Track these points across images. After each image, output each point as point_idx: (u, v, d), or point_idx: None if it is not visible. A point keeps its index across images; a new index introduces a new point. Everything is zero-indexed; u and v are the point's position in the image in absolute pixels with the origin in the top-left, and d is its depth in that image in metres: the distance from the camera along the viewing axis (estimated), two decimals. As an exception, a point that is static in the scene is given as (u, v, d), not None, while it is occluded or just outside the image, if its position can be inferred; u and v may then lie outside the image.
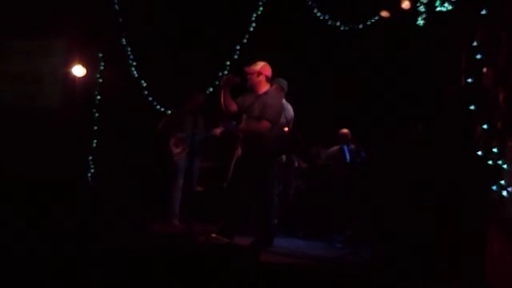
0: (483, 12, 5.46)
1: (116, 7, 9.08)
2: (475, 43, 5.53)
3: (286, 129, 7.47)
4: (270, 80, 6.98)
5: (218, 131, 8.29)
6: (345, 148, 8.29)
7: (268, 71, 6.95)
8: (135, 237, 6.33)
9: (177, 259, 5.19)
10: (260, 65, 6.93)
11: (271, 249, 6.58)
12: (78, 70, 8.65)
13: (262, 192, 6.80)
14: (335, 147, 8.55)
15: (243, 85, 7.19)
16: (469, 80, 5.60)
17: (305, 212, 8.16)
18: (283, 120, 7.26)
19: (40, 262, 5.15)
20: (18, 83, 8.87)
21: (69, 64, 8.73)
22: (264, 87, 6.93)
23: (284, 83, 7.77)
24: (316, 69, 8.61)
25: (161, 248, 5.44)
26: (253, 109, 6.84)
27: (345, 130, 8.55)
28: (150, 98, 9.15)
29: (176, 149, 8.44)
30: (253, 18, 9.29)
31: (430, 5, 7.37)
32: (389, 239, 6.21)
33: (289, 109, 7.75)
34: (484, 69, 5.46)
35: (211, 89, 9.09)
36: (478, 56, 5.46)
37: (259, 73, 6.90)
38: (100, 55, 8.97)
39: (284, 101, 7.58)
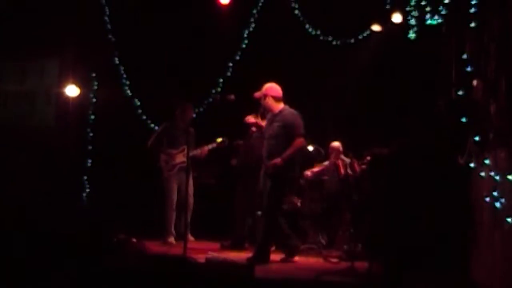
0: (472, 24, 5.50)
1: (109, 26, 9.13)
2: (465, 56, 5.57)
3: None
4: (280, 98, 7.01)
5: (205, 150, 8.28)
6: (339, 162, 8.32)
7: (273, 91, 7.01)
8: (131, 257, 6.31)
9: (173, 279, 5.19)
10: (265, 87, 7.02)
11: (267, 265, 6.61)
12: (72, 90, 8.68)
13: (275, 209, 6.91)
14: (328, 162, 8.55)
15: (237, 103, 7.31)
16: (460, 92, 5.64)
17: (299, 227, 8.15)
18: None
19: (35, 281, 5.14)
20: (12, 103, 8.91)
21: (63, 84, 8.77)
22: (276, 107, 6.98)
23: None
24: (307, 83, 8.66)
25: (156, 269, 5.43)
26: (269, 129, 6.99)
27: (336, 143, 8.56)
28: (144, 117, 9.17)
29: (167, 166, 8.39)
30: (245, 35, 9.36)
31: (421, 19, 7.43)
32: (385, 252, 6.21)
33: None
34: (474, 82, 5.50)
35: (203, 106, 9.13)
36: (468, 69, 5.49)
37: (265, 96, 6.98)
38: (94, 74, 9.01)
39: None
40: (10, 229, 6.35)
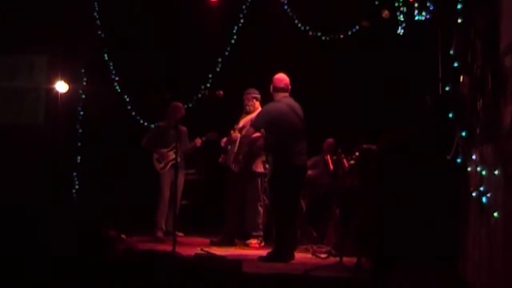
0: (459, 21, 5.52)
1: (98, 22, 9.11)
2: (451, 52, 5.59)
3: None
4: (280, 89, 7.12)
5: (198, 141, 8.34)
6: (328, 157, 8.36)
7: (275, 82, 7.15)
8: (120, 253, 6.32)
9: (162, 275, 5.20)
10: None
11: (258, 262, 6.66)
12: (61, 86, 8.66)
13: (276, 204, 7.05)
14: (317, 157, 8.58)
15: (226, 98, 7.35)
16: (447, 88, 5.66)
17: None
18: None
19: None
20: (0, 99, 8.88)
21: (52, 80, 8.74)
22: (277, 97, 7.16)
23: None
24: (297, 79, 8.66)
25: (146, 264, 5.44)
26: None
27: (330, 140, 8.59)
28: (134, 113, 9.16)
29: (159, 164, 8.45)
30: (235, 31, 9.35)
31: (409, 14, 7.46)
32: (373, 247, 6.24)
33: None
34: (461, 77, 5.52)
35: (193, 102, 9.13)
36: (455, 64, 5.51)
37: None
38: (83, 71, 8.99)
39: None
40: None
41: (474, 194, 5.10)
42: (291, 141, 6.92)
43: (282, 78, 7.15)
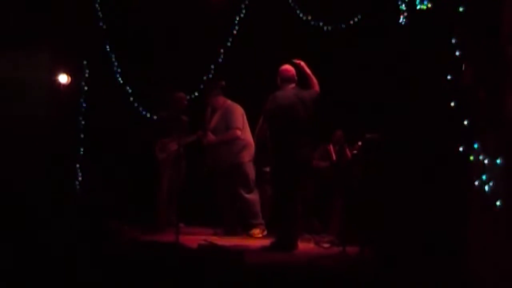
0: (461, 9, 5.51)
1: (100, 14, 9.10)
2: (454, 40, 5.58)
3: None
4: (287, 80, 7.18)
5: (200, 132, 8.34)
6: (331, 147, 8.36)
7: (281, 73, 7.21)
8: (123, 244, 6.34)
9: (165, 266, 5.22)
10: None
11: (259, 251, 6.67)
12: (63, 78, 8.66)
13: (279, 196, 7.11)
14: (323, 147, 8.57)
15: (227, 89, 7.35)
16: (449, 77, 5.65)
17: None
18: None
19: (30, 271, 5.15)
20: (2, 91, 8.87)
21: (54, 72, 8.74)
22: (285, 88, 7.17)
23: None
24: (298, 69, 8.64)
25: (149, 255, 5.46)
26: None
27: (339, 132, 8.58)
28: (136, 104, 9.17)
29: (162, 154, 8.45)
30: (236, 21, 9.33)
31: (411, 3, 7.42)
32: (377, 237, 6.25)
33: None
34: (463, 66, 5.51)
35: (195, 93, 9.13)
36: (457, 53, 5.50)
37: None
38: (85, 62, 8.99)
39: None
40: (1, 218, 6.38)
41: (476, 183, 5.10)
42: (293, 135, 6.89)
43: (288, 69, 7.16)
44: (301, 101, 6.94)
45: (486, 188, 4.89)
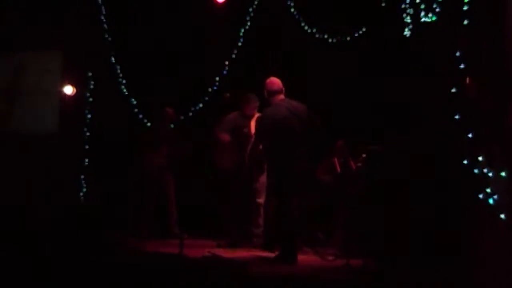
0: (465, 22, 5.52)
1: (105, 26, 9.15)
2: (457, 53, 5.59)
3: None
4: (275, 92, 7.03)
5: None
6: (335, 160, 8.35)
7: (268, 86, 7.07)
8: (127, 255, 6.34)
9: (169, 277, 5.22)
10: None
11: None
12: (68, 90, 8.71)
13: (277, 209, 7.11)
14: (327, 160, 8.56)
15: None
16: (453, 89, 5.65)
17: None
18: None
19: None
20: (7, 103, 8.92)
21: (59, 83, 8.79)
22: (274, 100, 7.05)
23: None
24: (303, 81, 8.65)
25: (153, 266, 5.46)
26: None
27: (341, 142, 8.55)
28: (141, 116, 9.19)
29: (147, 166, 8.51)
30: (241, 33, 9.36)
31: (416, 16, 7.45)
32: (380, 249, 6.24)
33: None
34: (467, 79, 5.52)
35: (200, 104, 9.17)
36: (461, 66, 5.51)
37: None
38: (90, 74, 9.03)
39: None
40: (7, 229, 6.39)
41: (481, 195, 5.09)
42: (289, 147, 6.82)
43: (274, 81, 7.05)
44: (294, 114, 6.86)
45: (491, 201, 4.89)
